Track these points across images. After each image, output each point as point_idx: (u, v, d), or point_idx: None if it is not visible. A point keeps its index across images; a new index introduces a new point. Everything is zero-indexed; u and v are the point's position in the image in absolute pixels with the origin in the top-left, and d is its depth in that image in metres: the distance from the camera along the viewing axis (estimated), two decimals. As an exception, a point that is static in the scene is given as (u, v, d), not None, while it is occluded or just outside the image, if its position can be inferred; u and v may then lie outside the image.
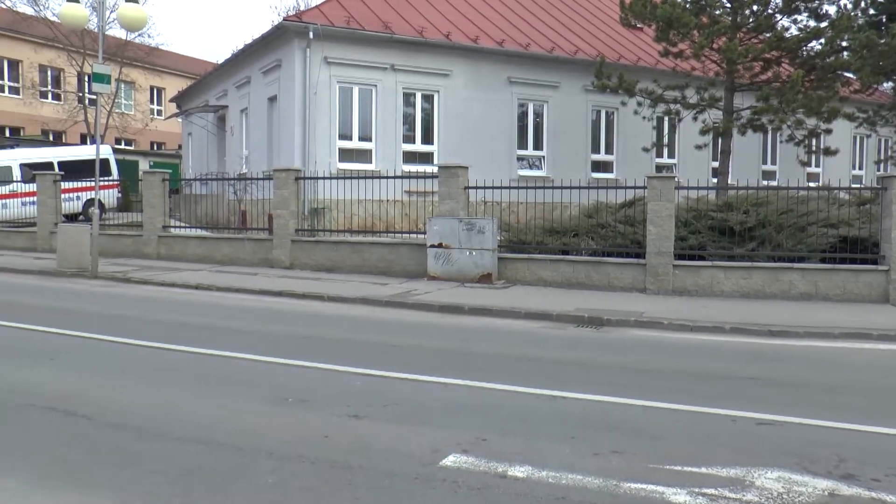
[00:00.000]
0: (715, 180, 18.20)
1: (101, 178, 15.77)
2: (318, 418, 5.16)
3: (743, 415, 5.30)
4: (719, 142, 17.87)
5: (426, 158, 18.92)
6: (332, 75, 17.76)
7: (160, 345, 7.57)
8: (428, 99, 19.23)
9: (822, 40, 16.34)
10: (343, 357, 7.05)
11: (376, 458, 4.31)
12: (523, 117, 20.68)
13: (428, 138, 19.26)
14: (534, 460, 4.28)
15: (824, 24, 16.38)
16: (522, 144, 20.63)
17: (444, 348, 7.91)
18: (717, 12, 17.12)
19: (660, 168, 21.83)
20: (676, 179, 12.16)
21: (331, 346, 7.96)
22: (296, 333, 8.68)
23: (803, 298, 10.96)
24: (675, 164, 22.57)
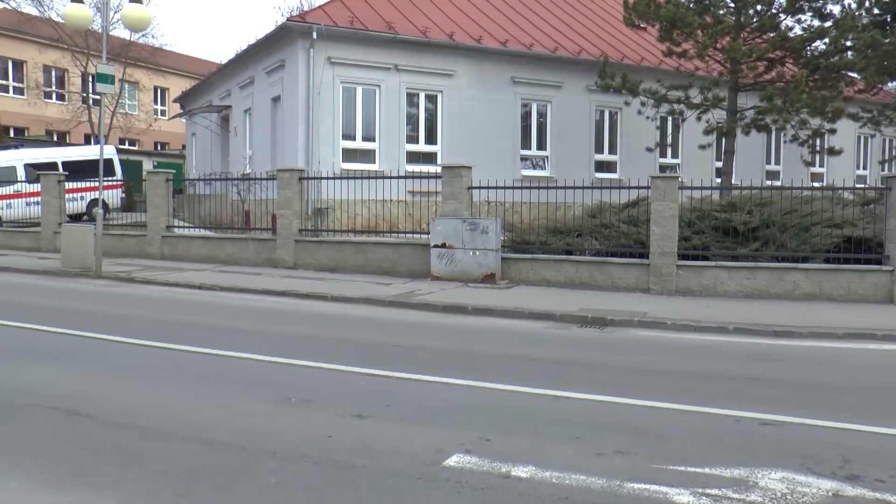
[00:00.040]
0: (718, 180, 18.18)
1: (105, 179, 15.79)
2: (321, 418, 5.17)
3: (746, 415, 5.29)
4: (723, 142, 17.86)
5: (430, 158, 18.93)
6: (335, 75, 17.77)
7: (164, 345, 7.59)
8: (431, 99, 19.24)
9: (827, 40, 16.32)
10: (346, 357, 7.05)
11: (380, 458, 4.31)
12: (527, 117, 20.68)
13: (431, 138, 19.27)
14: (537, 460, 4.28)
15: (828, 24, 16.35)
16: (526, 144, 20.62)
17: (448, 348, 7.91)
18: (721, 12, 17.10)
19: (663, 168, 21.80)
20: (680, 179, 12.15)
21: (334, 346, 7.97)
22: (299, 333, 8.69)
23: (807, 299, 10.93)
24: (679, 164, 22.54)
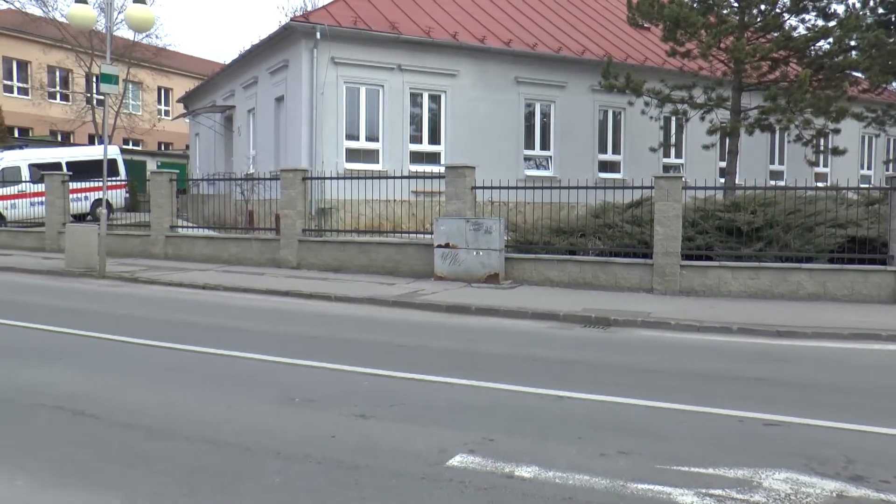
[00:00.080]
0: (722, 180, 18.17)
1: (109, 179, 15.82)
2: (325, 418, 5.17)
3: (750, 415, 5.28)
4: (727, 142, 17.85)
5: (433, 158, 18.94)
6: (339, 75, 17.79)
7: (168, 344, 7.60)
8: (435, 99, 19.25)
9: (831, 39, 16.30)
10: (350, 357, 7.06)
11: (383, 458, 4.31)
12: (530, 117, 20.68)
13: (435, 138, 19.28)
14: (541, 461, 4.28)
15: (832, 24, 16.34)
16: (529, 144, 20.63)
17: (451, 348, 7.91)
18: (725, 12, 17.09)
19: (667, 168, 21.77)
20: (684, 179, 12.13)
21: (338, 346, 7.97)
22: (303, 333, 8.70)
23: (811, 299, 10.91)
24: (683, 164, 22.52)
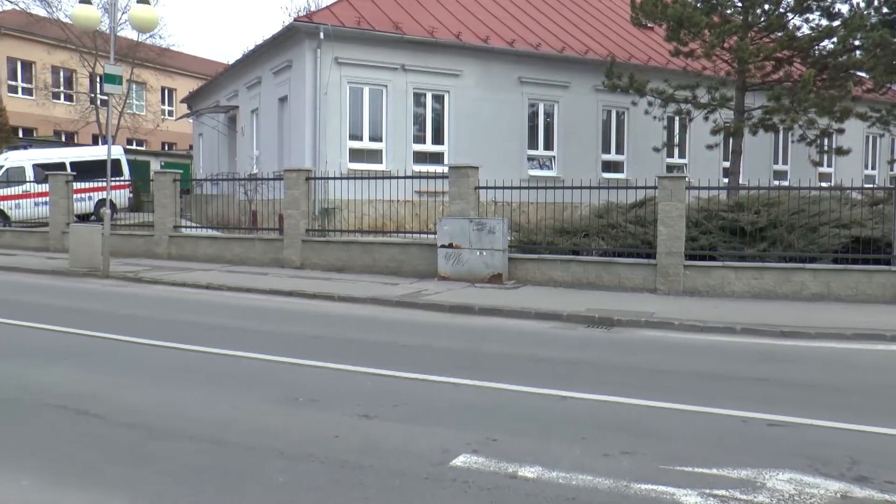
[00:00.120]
0: (726, 180, 18.11)
1: (113, 179, 15.85)
2: (328, 418, 5.18)
3: (754, 416, 5.27)
4: (730, 142, 17.80)
5: (437, 158, 18.93)
6: (342, 76, 17.80)
7: (172, 344, 7.61)
8: (438, 99, 19.24)
9: (835, 39, 16.25)
10: (353, 357, 7.06)
11: (386, 458, 4.31)
12: (534, 117, 20.66)
13: (438, 138, 19.27)
14: (544, 461, 4.28)
15: (836, 23, 16.29)
16: (533, 144, 20.61)
17: (455, 348, 7.91)
18: (729, 11, 17.04)
19: (670, 168, 21.75)
20: (687, 179, 12.12)
21: (341, 346, 7.98)
22: (306, 333, 8.71)
23: (815, 299, 10.88)
24: (686, 164, 22.48)
